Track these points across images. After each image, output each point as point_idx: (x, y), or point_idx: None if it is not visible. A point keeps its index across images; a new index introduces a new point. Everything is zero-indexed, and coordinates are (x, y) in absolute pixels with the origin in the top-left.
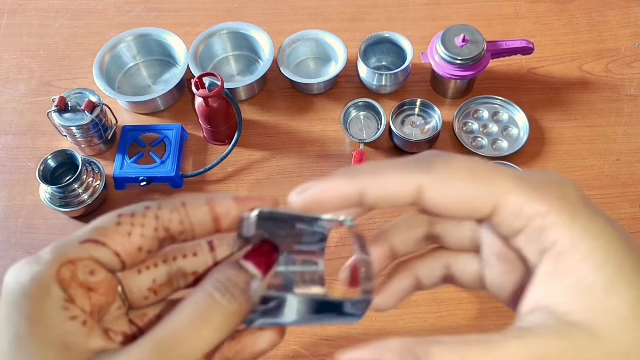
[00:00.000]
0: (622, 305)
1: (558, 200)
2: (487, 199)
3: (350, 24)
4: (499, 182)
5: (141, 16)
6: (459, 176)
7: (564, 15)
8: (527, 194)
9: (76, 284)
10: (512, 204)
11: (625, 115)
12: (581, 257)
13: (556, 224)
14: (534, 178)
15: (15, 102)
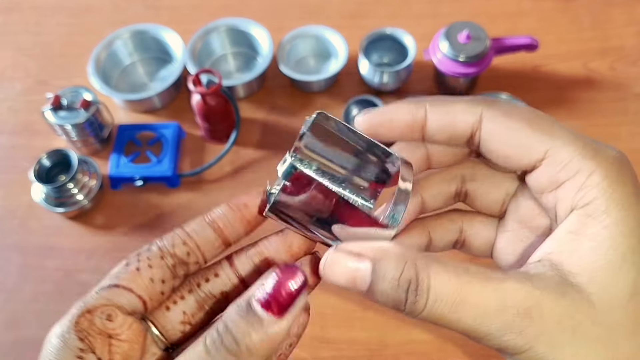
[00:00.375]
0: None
1: (608, 165)
2: (542, 143)
3: (352, 21)
4: (557, 131)
5: (139, 13)
6: (519, 117)
7: (568, 13)
8: (581, 149)
9: (95, 332)
10: (563, 153)
11: (630, 114)
12: (608, 224)
13: (597, 186)
14: (591, 141)
15: (11, 101)
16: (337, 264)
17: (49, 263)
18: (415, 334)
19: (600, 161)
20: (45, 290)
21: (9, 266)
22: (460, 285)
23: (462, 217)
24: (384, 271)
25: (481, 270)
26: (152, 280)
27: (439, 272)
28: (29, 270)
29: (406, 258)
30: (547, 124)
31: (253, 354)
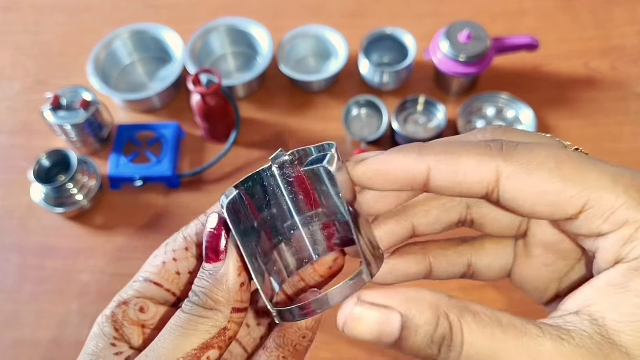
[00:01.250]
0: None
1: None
2: (577, 196)
3: (352, 20)
4: (593, 176)
5: (138, 13)
6: (545, 166)
7: (569, 12)
8: (625, 196)
9: (128, 322)
10: (605, 204)
11: (631, 113)
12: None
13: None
14: (631, 180)
15: (10, 101)
16: (363, 320)
17: (48, 263)
18: None
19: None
20: (45, 290)
21: (8, 266)
22: (494, 342)
23: (470, 249)
24: (416, 326)
25: (516, 322)
26: (178, 273)
27: (472, 326)
28: (28, 270)
29: (439, 310)
30: (577, 167)
31: (217, 301)
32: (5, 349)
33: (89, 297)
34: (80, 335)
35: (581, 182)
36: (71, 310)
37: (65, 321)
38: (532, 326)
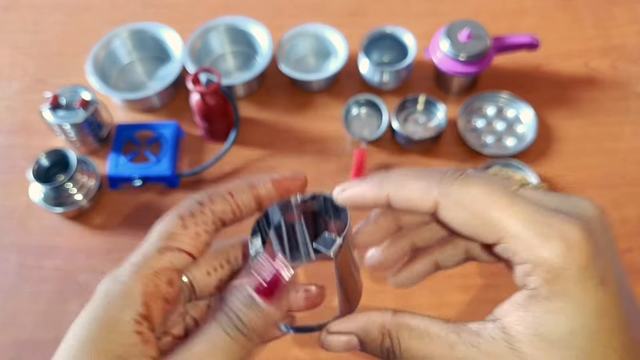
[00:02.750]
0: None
1: (554, 257)
2: (492, 235)
3: (352, 19)
4: (510, 219)
5: (137, 12)
6: (473, 205)
7: (570, 11)
8: (531, 239)
9: (157, 297)
10: (512, 244)
11: (632, 113)
12: (549, 309)
13: (540, 277)
14: (545, 224)
15: (9, 100)
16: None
17: (47, 263)
18: None
19: (547, 254)
20: (44, 290)
21: (7, 266)
22: (423, 349)
23: (464, 240)
24: (370, 341)
25: (441, 332)
26: (207, 245)
27: (407, 339)
28: (28, 270)
29: (384, 329)
30: (502, 208)
31: (257, 331)
32: (5, 349)
33: (88, 297)
34: None
35: (498, 223)
36: (70, 310)
37: (65, 321)
38: (454, 335)
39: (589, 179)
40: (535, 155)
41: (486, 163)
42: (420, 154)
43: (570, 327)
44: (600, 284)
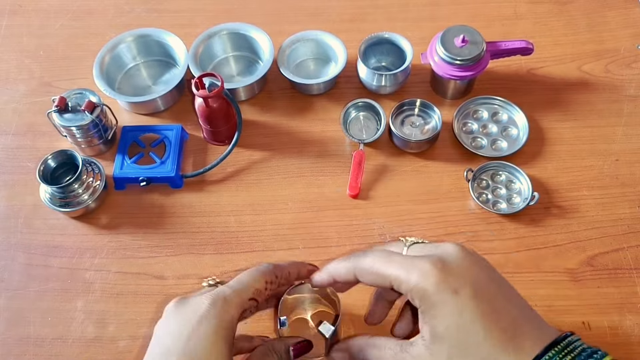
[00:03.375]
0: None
1: (416, 283)
2: (386, 283)
3: (350, 25)
4: (388, 272)
5: (141, 17)
6: (371, 268)
7: (564, 16)
8: (402, 278)
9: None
10: (398, 285)
11: (624, 115)
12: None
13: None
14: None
15: (16, 103)
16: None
17: (53, 262)
18: None
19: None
20: (50, 288)
21: (14, 265)
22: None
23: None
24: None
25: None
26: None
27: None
28: (34, 269)
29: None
30: (385, 266)
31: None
32: (12, 346)
33: (93, 295)
34: (85, 333)
35: (386, 276)
36: (76, 308)
37: (71, 319)
38: (397, 346)
39: (582, 180)
40: (529, 157)
41: (480, 165)
42: (417, 156)
43: (444, 325)
44: (454, 292)
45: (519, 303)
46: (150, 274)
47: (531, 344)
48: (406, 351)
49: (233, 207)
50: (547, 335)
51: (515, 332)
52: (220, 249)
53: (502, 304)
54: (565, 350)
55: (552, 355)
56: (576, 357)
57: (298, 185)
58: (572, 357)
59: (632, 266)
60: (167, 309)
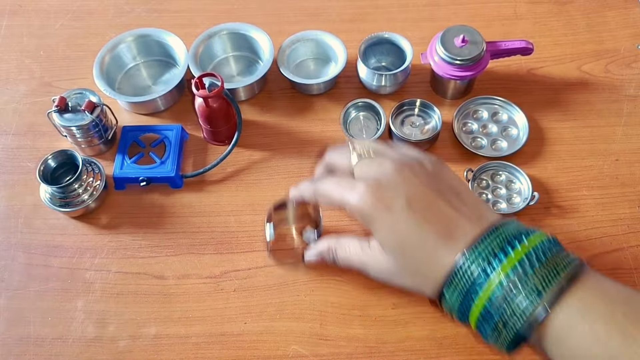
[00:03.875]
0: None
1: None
2: (337, 205)
3: (350, 25)
4: (336, 195)
5: (141, 17)
6: (324, 192)
7: (563, 16)
8: (343, 200)
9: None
10: (344, 206)
11: (624, 115)
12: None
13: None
14: (352, 183)
15: (16, 103)
16: (310, 256)
17: (54, 261)
18: (412, 331)
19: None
20: (50, 288)
21: (14, 264)
22: (346, 252)
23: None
24: (325, 255)
25: (355, 243)
26: None
27: (339, 250)
28: (34, 269)
29: (330, 246)
30: (332, 188)
31: None
32: (12, 346)
33: (94, 295)
34: (85, 333)
35: (334, 200)
36: (76, 307)
37: (71, 319)
38: (364, 243)
39: (582, 180)
40: (529, 157)
41: (480, 165)
42: None
43: (384, 237)
44: (387, 209)
45: (462, 204)
46: (151, 274)
47: (465, 236)
48: (366, 253)
49: (233, 207)
50: (486, 224)
51: (450, 231)
52: (220, 249)
53: (438, 209)
54: (496, 233)
55: (482, 240)
56: (506, 238)
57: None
58: (501, 239)
59: (632, 266)
60: None
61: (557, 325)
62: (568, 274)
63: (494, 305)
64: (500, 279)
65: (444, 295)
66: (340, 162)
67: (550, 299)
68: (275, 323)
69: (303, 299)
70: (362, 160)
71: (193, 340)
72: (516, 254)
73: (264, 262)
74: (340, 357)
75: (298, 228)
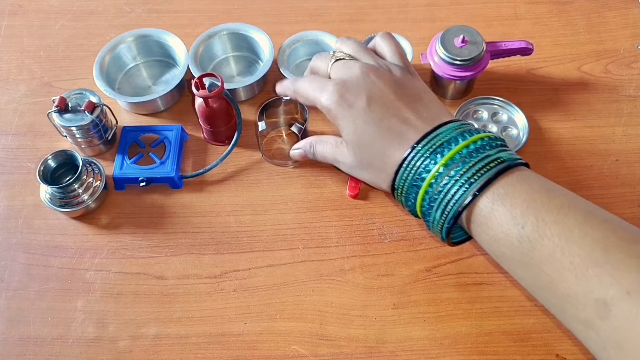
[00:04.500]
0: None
1: (324, 103)
2: (310, 103)
3: (350, 25)
4: (311, 95)
5: (141, 17)
6: (300, 89)
7: (563, 17)
8: (315, 100)
9: None
10: (316, 105)
11: (624, 115)
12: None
13: (329, 118)
14: (324, 84)
15: (16, 103)
16: (295, 154)
17: (54, 262)
18: (413, 331)
19: (322, 102)
20: (50, 288)
21: (14, 265)
22: (324, 147)
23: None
24: (306, 150)
25: (331, 140)
26: None
27: (318, 145)
28: (34, 269)
29: (311, 143)
30: (309, 89)
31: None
32: (12, 346)
33: (94, 295)
34: (85, 333)
35: (310, 99)
36: (76, 307)
37: (71, 319)
38: (338, 140)
39: (582, 180)
40: (529, 157)
41: None
42: None
43: (345, 132)
44: (349, 106)
45: (422, 107)
46: (151, 274)
47: (416, 134)
48: (339, 147)
49: (233, 207)
50: (437, 123)
51: (403, 130)
52: (220, 249)
53: (396, 110)
54: (441, 130)
55: (428, 137)
56: (450, 135)
57: (298, 185)
58: (444, 136)
59: None
60: None
61: (482, 208)
62: (500, 168)
63: (434, 193)
64: (439, 170)
65: (395, 187)
66: (321, 65)
67: (479, 188)
68: (275, 323)
69: (303, 299)
70: (336, 63)
71: (193, 340)
72: (456, 148)
73: (264, 262)
74: (340, 357)
75: (286, 120)
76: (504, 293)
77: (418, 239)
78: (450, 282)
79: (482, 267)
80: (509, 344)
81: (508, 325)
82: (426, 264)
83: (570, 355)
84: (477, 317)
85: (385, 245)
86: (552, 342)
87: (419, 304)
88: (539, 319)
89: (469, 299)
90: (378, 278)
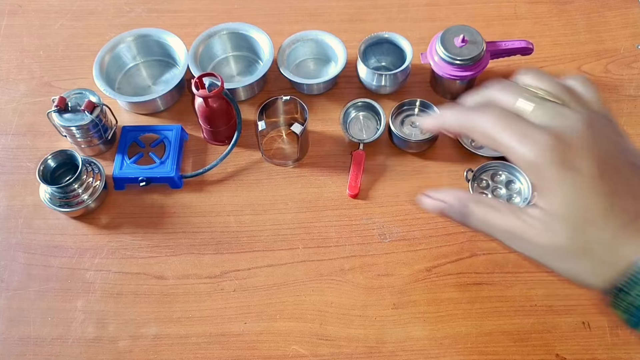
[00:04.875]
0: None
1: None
2: (499, 149)
3: (350, 25)
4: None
5: (141, 17)
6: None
7: (563, 16)
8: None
9: None
10: (509, 156)
11: (624, 115)
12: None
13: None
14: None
15: (16, 103)
16: (428, 203)
17: (54, 262)
18: (412, 331)
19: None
20: (50, 288)
21: (14, 265)
22: (487, 217)
23: None
24: (451, 207)
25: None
26: None
27: (477, 206)
28: (34, 269)
29: (462, 201)
30: (499, 132)
31: None
32: (12, 346)
33: (93, 295)
34: (85, 333)
35: (498, 144)
36: (76, 307)
37: (71, 319)
38: (515, 208)
39: None
40: None
41: (480, 165)
42: (417, 156)
43: (562, 205)
44: (573, 170)
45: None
46: (151, 274)
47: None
48: (523, 220)
49: (233, 207)
50: None
51: (637, 212)
52: (220, 249)
53: (625, 180)
54: None
55: None
56: None
57: (298, 185)
58: None
59: None
60: None
61: None
62: None
63: None
64: None
65: (622, 290)
66: (507, 101)
67: None
68: (275, 323)
69: (303, 299)
70: (541, 106)
71: (193, 340)
72: None
73: (264, 262)
74: (340, 357)
75: (286, 120)
76: (504, 293)
77: (418, 239)
78: (450, 282)
79: (482, 267)
80: (509, 344)
81: (508, 325)
82: (426, 264)
83: (570, 355)
84: (477, 317)
85: (385, 245)
86: (552, 342)
87: (419, 304)
88: (539, 319)
89: (469, 299)
90: (378, 278)
